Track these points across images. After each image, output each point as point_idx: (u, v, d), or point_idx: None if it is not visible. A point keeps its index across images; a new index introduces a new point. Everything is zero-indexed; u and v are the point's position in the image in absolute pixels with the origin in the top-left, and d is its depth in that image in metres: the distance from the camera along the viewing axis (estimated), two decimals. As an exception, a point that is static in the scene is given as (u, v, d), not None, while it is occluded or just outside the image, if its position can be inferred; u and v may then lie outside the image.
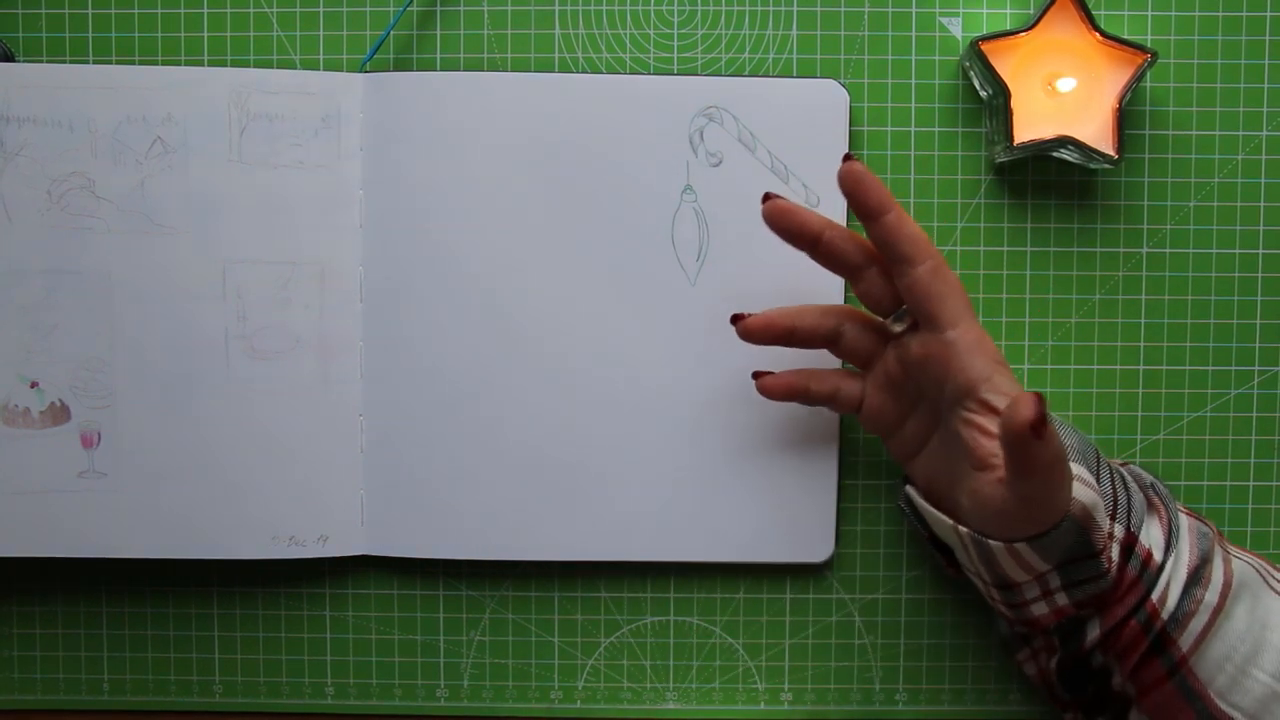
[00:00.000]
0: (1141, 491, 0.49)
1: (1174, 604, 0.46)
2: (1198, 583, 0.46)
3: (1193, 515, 0.49)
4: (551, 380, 0.55)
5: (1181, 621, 0.46)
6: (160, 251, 0.54)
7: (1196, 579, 0.47)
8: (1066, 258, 0.56)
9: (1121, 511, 0.47)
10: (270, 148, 0.54)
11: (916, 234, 0.47)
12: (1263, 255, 0.55)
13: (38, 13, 0.55)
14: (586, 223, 0.54)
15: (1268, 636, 0.46)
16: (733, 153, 0.54)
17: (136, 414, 0.54)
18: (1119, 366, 0.56)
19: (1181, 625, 0.46)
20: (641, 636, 0.57)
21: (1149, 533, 0.47)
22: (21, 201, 0.53)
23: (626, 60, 0.56)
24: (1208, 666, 0.46)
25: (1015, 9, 0.55)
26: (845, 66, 0.55)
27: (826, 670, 0.57)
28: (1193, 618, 0.46)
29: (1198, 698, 0.46)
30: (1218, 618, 0.46)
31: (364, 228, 0.54)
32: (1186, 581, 0.46)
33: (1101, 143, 0.52)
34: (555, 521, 0.55)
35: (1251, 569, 0.48)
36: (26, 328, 0.54)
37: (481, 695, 0.58)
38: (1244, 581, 0.47)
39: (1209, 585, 0.46)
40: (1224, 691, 0.46)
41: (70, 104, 0.53)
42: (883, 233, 0.47)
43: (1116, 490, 0.48)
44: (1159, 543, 0.47)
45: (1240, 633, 0.46)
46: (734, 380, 0.55)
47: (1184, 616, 0.46)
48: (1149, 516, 0.48)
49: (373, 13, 0.56)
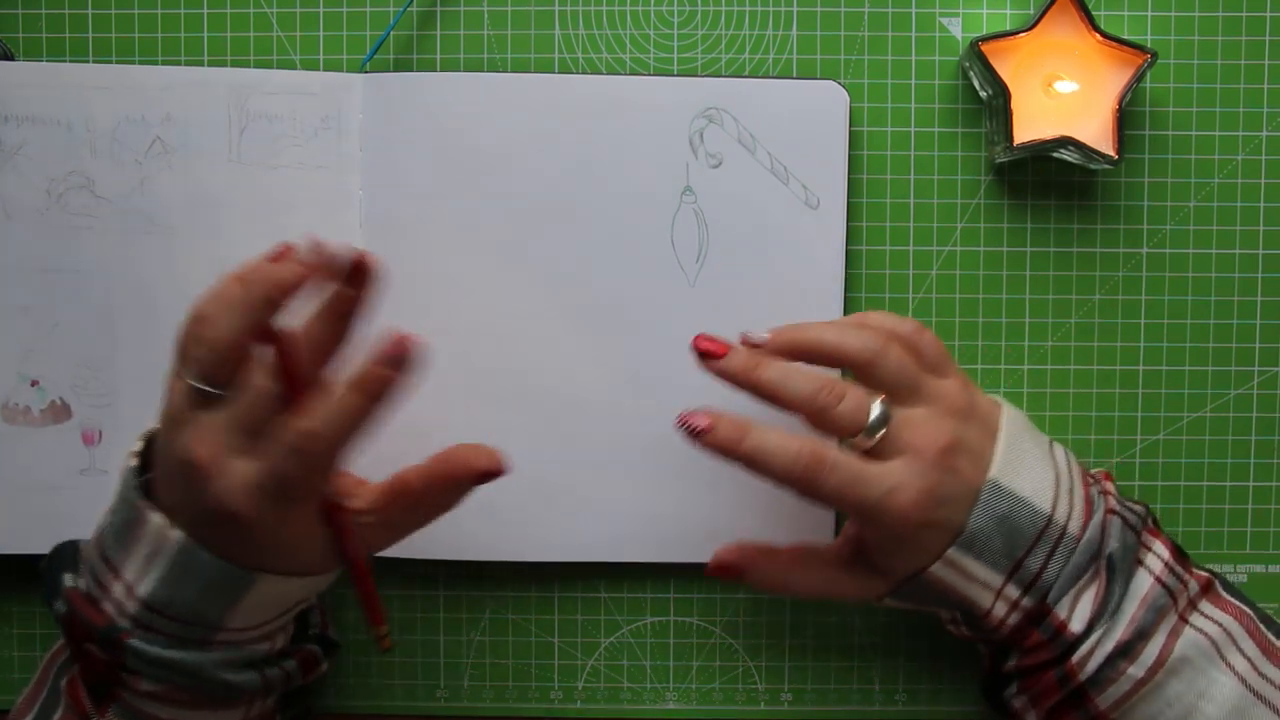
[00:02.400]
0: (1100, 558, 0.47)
1: (1095, 668, 0.45)
2: (1124, 655, 0.45)
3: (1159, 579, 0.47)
4: (551, 380, 0.55)
5: (1101, 685, 0.45)
6: (160, 251, 0.54)
7: (1124, 652, 0.45)
8: (1066, 258, 0.56)
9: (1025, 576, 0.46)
10: (270, 148, 0.54)
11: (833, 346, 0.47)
12: (1263, 255, 0.55)
13: (38, 13, 0.55)
14: (586, 223, 0.54)
15: (1201, 706, 0.45)
16: (733, 154, 0.54)
17: (138, 412, 0.54)
18: (1119, 366, 0.56)
19: (1101, 688, 0.45)
20: (641, 636, 0.57)
21: (1068, 607, 0.46)
22: (21, 200, 0.53)
23: (626, 60, 0.56)
24: None
25: (1015, 9, 0.55)
26: (845, 67, 0.55)
27: (826, 670, 0.57)
28: (1113, 684, 0.45)
29: None
30: (1144, 689, 0.45)
31: (364, 228, 0.54)
32: (1112, 653, 0.45)
33: (1101, 143, 0.52)
34: (555, 522, 0.55)
35: (1207, 641, 0.46)
36: (26, 326, 0.54)
37: (481, 695, 0.58)
38: (1186, 658, 0.45)
39: (1136, 660, 0.45)
40: None
41: (70, 103, 0.53)
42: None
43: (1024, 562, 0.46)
44: (1084, 616, 0.46)
45: (1169, 699, 0.45)
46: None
47: (1105, 681, 0.45)
48: (1087, 589, 0.46)
49: (373, 13, 0.56)
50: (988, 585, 0.47)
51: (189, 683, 0.45)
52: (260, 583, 0.45)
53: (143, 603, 0.45)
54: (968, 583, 0.47)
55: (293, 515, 0.44)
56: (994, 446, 0.47)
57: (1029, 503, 0.46)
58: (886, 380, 0.47)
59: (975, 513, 0.46)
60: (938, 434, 0.46)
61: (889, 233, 0.56)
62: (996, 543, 0.46)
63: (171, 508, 0.45)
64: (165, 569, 0.44)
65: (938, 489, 0.45)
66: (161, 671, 0.45)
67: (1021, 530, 0.46)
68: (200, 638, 0.45)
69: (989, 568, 0.46)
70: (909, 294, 0.56)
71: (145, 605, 0.45)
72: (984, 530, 0.46)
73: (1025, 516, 0.46)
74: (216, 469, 0.43)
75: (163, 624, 0.45)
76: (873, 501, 0.45)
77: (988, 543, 0.46)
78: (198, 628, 0.45)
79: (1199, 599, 0.48)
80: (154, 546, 0.45)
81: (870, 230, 0.55)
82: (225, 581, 0.45)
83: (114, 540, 0.46)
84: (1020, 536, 0.46)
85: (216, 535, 0.44)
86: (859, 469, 0.46)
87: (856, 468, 0.46)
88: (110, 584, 0.45)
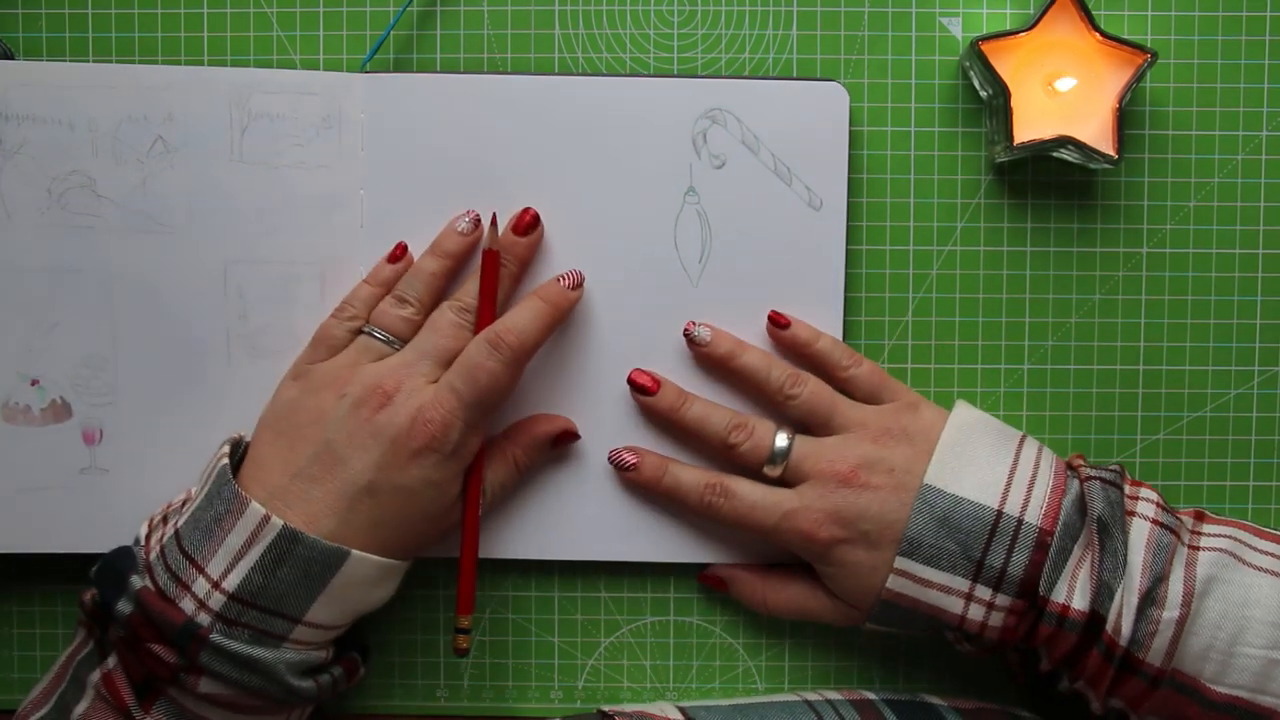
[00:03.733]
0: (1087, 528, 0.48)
1: (1130, 629, 0.46)
2: (1152, 603, 0.46)
3: (1155, 520, 0.48)
4: (552, 380, 0.55)
5: (1144, 643, 0.46)
6: (161, 251, 0.54)
7: (1150, 600, 0.46)
8: (1066, 258, 0.56)
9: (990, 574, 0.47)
10: (271, 148, 0.54)
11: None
12: (1263, 255, 0.55)
13: (38, 12, 0.55)
14: (589, 224, 0.54)
15: (1249, 614, 0.46)
16: (736, 155, 0.54)
17: (138, 412, 0.54)
18: (1119, 366, 0.56)
19: (1145, 646, 0.46)
20: (641, 636, 0.57)
21: (1071, 586, 0.47)
22: (21, 200, 0.53)
23: (626, 60, 0.56)
24: (1191, 661, 0.46)
25: (1015, 9, 0.55)
26: (845, 66, 0.55)
27: (826, 670, 0.57)
28: (1154, 636, 0.46)
29: (1193, 690, 0.46)
30: (1184, 627, 0.46)
31: (364, 228, 0.54)
32: (1140, 607, 0.46)
33: (1101, 143, 0.52)
34: (556, 521, 0.55)
35: (1223, 554, 0.47)
36: (27, 325, 0.54)
37: (481, 695, 0.58)
38: (1212, 575, 0.46)
39: (1165, 604, 0.46)
40: (1216, 678, 0.46)
41: (71, 102, 0.53)
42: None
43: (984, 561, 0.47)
44: (1086, 591, 0.46)
45: (1215, 621, 0.46)
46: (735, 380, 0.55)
47: (1145, 638, 0.46)
48: (1080, 566, 0.47)
49: (373, 13, 0.56)
50: (949, 589, 0.48)
51: (257, 683, 0.46)
52: (351, 563, 0.47)
53: (231, 595, 0.46)
54: (926, 589, 0.48)
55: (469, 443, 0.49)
56: (930, 457, 0.49)
57: (970, 500, 0.48)
58: (800, 412, 0.52)
59: (912, 518, 0.48)
60: (844, 458, 0.50)
61: (889, 232, 0.56)
62: (949, 545, 0.48)
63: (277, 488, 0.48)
64: (261, 555, 0.46)
65: (846, 508, 0.49)
66: (234, 670, 0.46)
67: (969, 528, 0.48)
68: (279, 632, 0.47)
69: (946, 572, 0.48)
70: (909, 294, 0.56)
71: (233, 597, 0.46)
72: (926, 532, 0.48)
73: (968, 513, 0.48)
74: (409, 388, 0.49)
75: (249, 616, 0.46)
76: (771, 524, 0.51)
77: (937, 546, 0.48)
78: (280, 619, 0.47)
79: (1197, 526, 0.49)
80: (250, 535, 0.46)
81: (871, 230, 0.55)
82: (320, 561, 0.47)
83: (201, 536, 0.47)
84: (972, 536, 0.48)
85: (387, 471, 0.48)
86: (758, 496, 0.51)
87: (757, 495, 0.51)
88: (192, 580, 0.46)
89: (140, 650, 0.46)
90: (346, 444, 0.48)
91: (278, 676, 0.46)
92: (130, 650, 0.46)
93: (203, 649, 0.45)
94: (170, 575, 0.47)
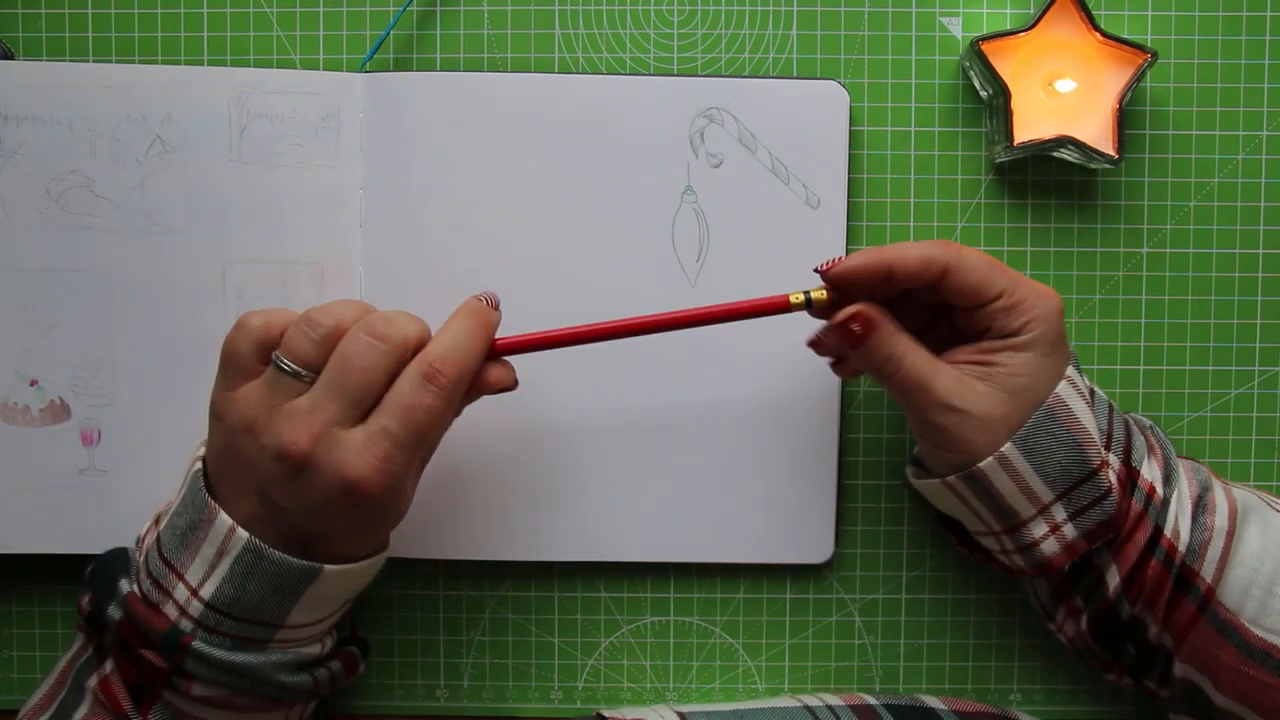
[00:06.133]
0: (1141, 434, 0.50)
1: (1187, 534, 0.47)
2: (1204, 510, 0.48)
3: (1184, 457, 0.50)
4: (551, 380, 0.55)
5: (1199, 551, 0.47)
6: (160, 251, 0.54)
7: (1202, 507, 0.48)
8: (1066, 258, 0.56)
9: (1118, 444, 0.48)
10: (270, 147, 0.54)
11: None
12: (1263, 255, 0.55)
13: (38, 12, 0.55)
14: (587, 223, 0.54)
15: None
16: (733, 154, 0.54)
17: (137, 412, 0.54)
18: (1119, 367, 0.56)
19: (1200, 555, 0.47)
20: (641, 636, 0.57)
21: (1150, 469, 0.48)
22: (20, 200, 0.53)
23: (626, 60, 0.56)
24: (1234, 594, 0.47)
25: (1015, 9, 0.55)
26: (845, 66, 0.55)
27: (826, 670, 0.57)
28: (1209, 545, 0.47)
29: (1233, 630, 0.46)
30: (1232, 541, 0.47)
31: (364, 228, 0.54)
32: (1194, 510, 0.48)
33: (1101, 143, 0.52)
34: (555, 522, 0.55)
35: (1253, 495, 0.49)
36: (26, 326, 0.54)
37: (481, 695, 0.58)
38: (1249, 506, 0.48)
39: (1215, 511, 0.48)
40: (1256, 618, 0.46)
41: (70, 102, 0.53)
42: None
43: (1113, 425, 0.48)
44: (1159, 477, 0.48)
45: (1257, 553, 0.47)
46: (735, 380, 0.55)
47: (1200, 545, 0.47)
48: (1149, 457, 0.49)
49: (373, 13, 0.56)
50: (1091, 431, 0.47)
51: (247, 685, 0.46)
52: (325, 577, 0.46)
53: (207, 604, 0.45)
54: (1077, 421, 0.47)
55: (412, 475, 0.46)
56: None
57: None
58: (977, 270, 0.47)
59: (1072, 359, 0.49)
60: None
61: (889, 232, 0.56)
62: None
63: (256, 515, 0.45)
64: (230, 567, 0.45)
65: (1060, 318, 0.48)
66: (221, 675, 0.45)
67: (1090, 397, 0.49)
68: (261, 637, 0.46)
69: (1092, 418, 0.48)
70: (909, 294, 0.56)
71: (209, 606, 0.45)
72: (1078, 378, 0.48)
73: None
74: (326, 443, 0.43)
75: (227, 625, 0.45)
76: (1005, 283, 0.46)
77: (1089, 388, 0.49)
78: (260, 626, 0.46)
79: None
80: (219, 547, 0.45)
81: (870, 230, 0.55)
82: (292, 576, 0.45)
83: (178, 542, 0.46)
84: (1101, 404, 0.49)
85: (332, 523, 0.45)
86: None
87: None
88: (172, 586, 0.46)
89: (133, 655, 0.46)
90: (284, 499, 0.44)
91: (266, 678, 0.46)
92: (124, 655, 0.46)
93: (187, 656, 0.45)
94: (153, 581, 0.46)
